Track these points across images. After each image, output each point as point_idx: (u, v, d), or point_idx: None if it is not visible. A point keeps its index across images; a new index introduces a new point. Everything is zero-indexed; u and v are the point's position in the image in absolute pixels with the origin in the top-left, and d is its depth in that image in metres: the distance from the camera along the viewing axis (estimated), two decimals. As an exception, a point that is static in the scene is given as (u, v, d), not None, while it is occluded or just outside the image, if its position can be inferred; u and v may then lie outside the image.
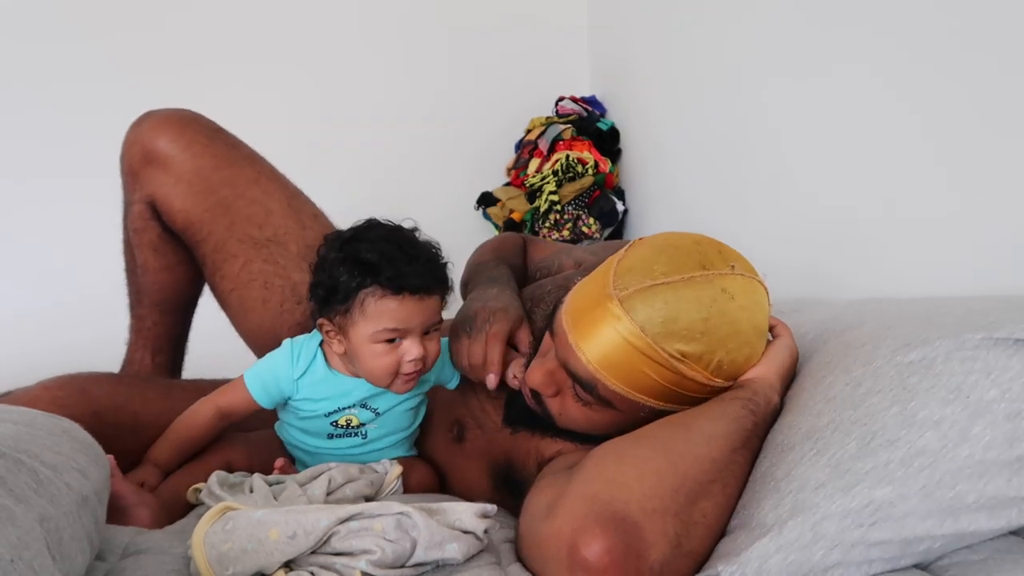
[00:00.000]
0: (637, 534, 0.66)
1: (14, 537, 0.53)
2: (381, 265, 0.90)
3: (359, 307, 0.91)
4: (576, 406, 0.86)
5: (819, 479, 0.67)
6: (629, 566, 0.65)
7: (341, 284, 0.91)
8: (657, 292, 0.79)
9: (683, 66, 1.95)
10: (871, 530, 0.64)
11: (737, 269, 0.81)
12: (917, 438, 0.65)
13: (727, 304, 0.79)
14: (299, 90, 2.43)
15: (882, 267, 1.21)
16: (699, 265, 0.80)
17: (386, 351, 0.93)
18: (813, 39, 1.38)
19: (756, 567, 0.64)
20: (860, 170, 1.26)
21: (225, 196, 1.24)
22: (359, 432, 1.00)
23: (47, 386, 1.01)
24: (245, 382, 1.00)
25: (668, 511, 0.68)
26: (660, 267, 0.80)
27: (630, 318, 0.78)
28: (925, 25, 1.10)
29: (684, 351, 0.78)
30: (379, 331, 0.91)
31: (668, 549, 0.67)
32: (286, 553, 0.68)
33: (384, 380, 0.95)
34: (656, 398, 0.81)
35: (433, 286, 0.93)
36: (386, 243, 0.92)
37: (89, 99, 2.24)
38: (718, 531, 0.72)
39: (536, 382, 0.87)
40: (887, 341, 0.77)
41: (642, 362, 0.79)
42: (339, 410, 0.99)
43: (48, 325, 2.17)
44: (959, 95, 1.04)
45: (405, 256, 0.91)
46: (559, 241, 2.25)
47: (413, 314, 0.91)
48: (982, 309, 0.75)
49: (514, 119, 2.52)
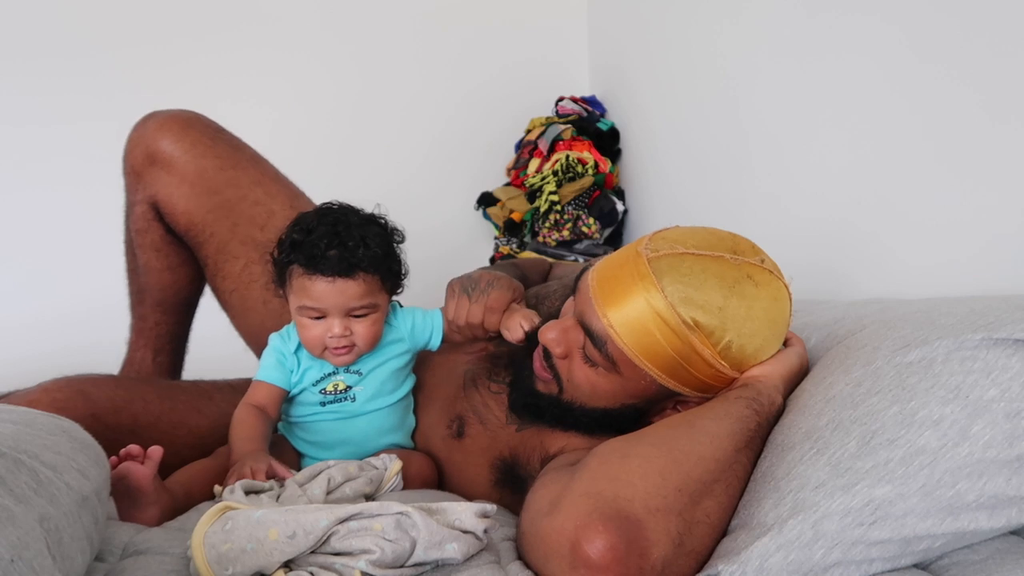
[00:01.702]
0: (640, 532, 0.66)
1: (14, 537, 0.53)
2: (304, 245, 0.96)
3: (289, 282, 0.99)
4: (583, 368, 0.87)
5: (819, 478, 0.67)
6: (631, 564, 0.65)
7: (279, 260, 1.00)
8: (685, 259, 0.81)
9: (683, 66, 1.95)
10: (871, 529, 0.64)
11: (766, 264, 0.84)
12: (917, 437, 0.65)
13: (749, 288, 0.81)
14: (299, 91, 2.43)
15: (883, 267, 1.21)
16: (731, 250, 0.83)
17: (312, 324, 0.99)
18: (813, 38, 1.38)
19: (756, 566, 0.64)
20: (861, 170, 1.26)
21: (228, 197, 1.24)
22: (348, 396, 1.04)
23: (46, 388, 1.01)
24: (259, 378, 1.04)
25: (671, 510, 0.68)
26: (694, 241, 0.83)
27: (655, 277, 0.80)
28: (925, 24, 1.10)
29: (698, 320, 0.79)
30: (300, 307, 0.99)
31: (670, 548, 0.67)
32: (285, 553, 0.68)
33: (315, 350, 1.01)
34: (660, 369, 0.82)
35: (350, 269, 0.96)
36: (320, 225, 0.97)
37: (91, 102, 2.25)
38: (720, 530, 0.72)
39: (549, 337, 0.89)
40: (887, 342, 0.77)
41: (655, 324, 0.80)
42: (327, 376, 1.04)
43: (48, 325, 2.17)
44: (960, 94, 1.04)
45: (330, 239, 0.96)
46: (559, 241, 2.25)
47: (325, 295, 0.97)
48: (983, 309, 0.75)
49: (514, 119, 2.52)
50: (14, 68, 2.24)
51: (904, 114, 1.15)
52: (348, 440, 1.05)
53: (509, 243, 2.33)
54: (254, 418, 1.01)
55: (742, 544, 0.67)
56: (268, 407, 1.03)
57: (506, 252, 2.30)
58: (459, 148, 2.55)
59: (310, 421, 1.06)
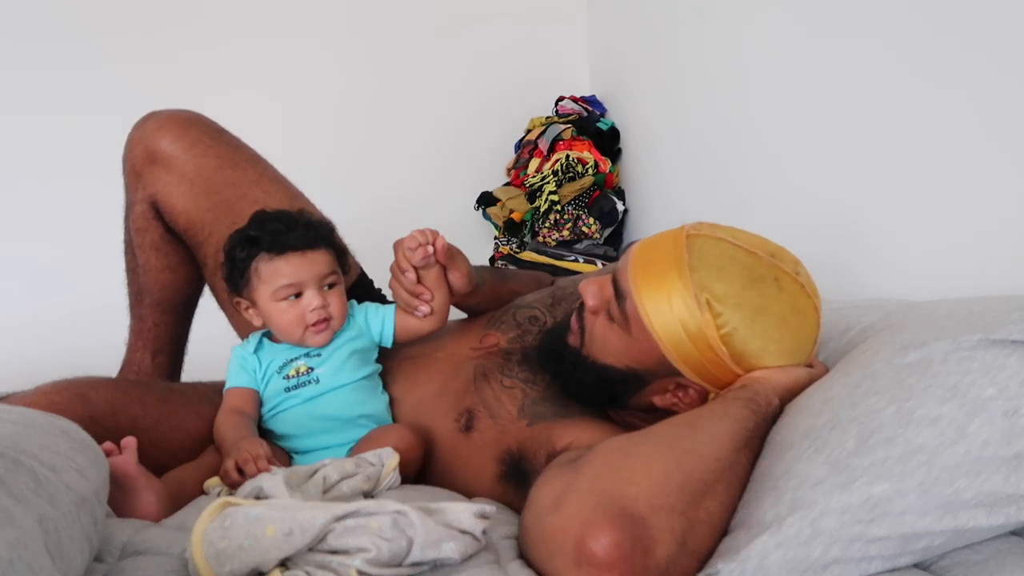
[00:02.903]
0: (645, 530, 0.66)
1: (13, 537, 0.53)
2: (263, 236, 1.06)
3: (255, 275, 1.06)
4: (604, 324, 0.92)
5: (817, 476, 0.67)
6: (636, 561, 0.65)
7: (238, 261, 1.07)
8: (721, 244, 0.85)
9: (683, 66, 1.95)
10: (870, 526, 0.64)
11: (800, 278, 0.86)
12: (915, 436, 0.65)
13: (771, 289, 0.83)
14: (300, 91, 2.43)
15: (884, 268, 1.21)
16: (770, 254, 0.86)
17: (290, 306, 1.07)
18: (815, 36, 1.38)
19: (756, 563, 0.64)
20: (862, 170, 1.26)
21: (227, 197, 1.24)
22: (311, 377, 1.09)
23: (44, 391, 1.01)
24: (229, 386, 1.11)
25: (675, 508, 0.68)
26: (735, 235, 0.87)
27: (687, 248, 0.85)
28: (927, 23, 1.10)
29: (711, 301, 0.82)
30: (276, 289, 1.06)
31: (674, 546, 0.67)
32: (282, 550, 0.68)
33: (296, 333, 1.08)
34: (665, 337, 0.85)
35: (313, 242, 1.07)
36: (265, 222, 1.07)
37: (90, 100, 2.25)
38: (721, 530, 0.72)
39: (588, 290, 0.93)
40: (886, 347, 0.77)
41: (672, 293, 0.83)
42: (288, 362, 1.10)
43: (48, 326, 2.17)
44: (963, 93, 1.04)
45: (283, 225, 1.07)
46: (559, 241, 2.25)
47: (301, 268, 1.06)
48: (981, 310, 0.75)
49: (514, 119, 2.52)
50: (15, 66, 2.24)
51: (905, 114, 1.15)
52: (321, 418, 1.07)
53: (509, 243, 2.33)
54: (237, 417, 1.06)
55: (741, 542, 0.67)
56: (245, 408, 1.08)
57: (506, 252, 2.30)
58: (459, 148, 2.55)
59: (280, 411, 1.09)
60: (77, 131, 2.22)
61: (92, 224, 1.85)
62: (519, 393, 1.03)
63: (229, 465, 0.94)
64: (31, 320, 2.20)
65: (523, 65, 2.58)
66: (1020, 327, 0.67)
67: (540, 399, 1.01)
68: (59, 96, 2.26)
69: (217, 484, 0.96)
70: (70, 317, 2.17)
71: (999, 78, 0.98)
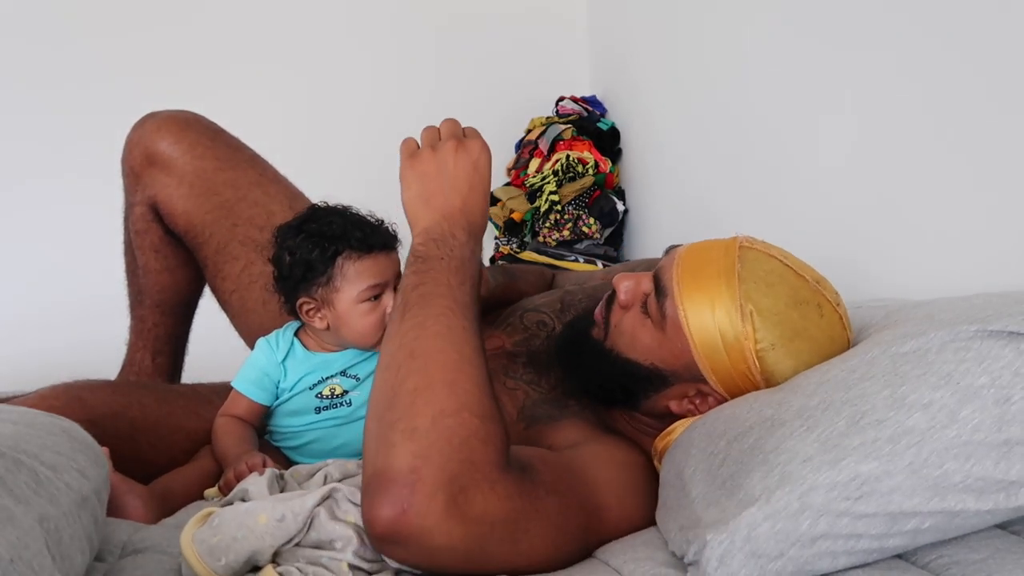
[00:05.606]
0: (407, 490, 0.66)
1: (14, 537, 0.53)
2: (348, 233, 0.99)
3: (340, 273, 0.99)
4: (636, 317, 0.91)
5: (807, 453, 0.67)
6: (410, 521, 0.66)
7: (315, 259, 0.99)
8: (773, 261, 0.86)
9: (684, 65, 1.95)
10: (857, 503, 0.64)
11: (840, 309, 0.87)
12: (905, 418, 0.66)
13: (814, 314, 0.84)
14: (299, 91, 2.44)
15: (886, 268, 1.21)
16: (815, 280, 0.87)
17: (371, 308, 1.01)
18: (817, 36, 1.38)
19: (745, 535, 0.65)
20: (864, 170, 1.26)
21: (227, 198, 1.24)
22: (344, 400, 1.04)
23: (43, 395, 1.01)
24: (237, 389, 1.05)
25: (435, 448, 0.68)
26: (786, 256, 0.88)
27: (737, 258, 0.85)
28: (930, 23, 1.10)
29: (756, 311, 0.83)
30: (363, 290, 0.99)
31: (447, 482, 0.67)
32: (276, 536, 0.69)
33: (373, 337, 1.01)
34: (700, 341, 0.85)
35: (392, 241, 1.04)
36: (339, 216, 1.02)
37: (88, 100, 2.25)
38: (497, 416, 0.73)
39: (621, 283, 0.93)
40: (885, 334, 0.79)
41: (716, 300, 0.84)
42: (323, 380, 1.04)
43: (48, 326, 2.17)
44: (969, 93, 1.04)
45: (362, 222, 1.02)
46: (559, 241, 2.25)
47: (386, 268, 1.01)
48: (981, 304, 0.76)
49: (514, 119, 2.52)
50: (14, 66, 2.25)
51: (907, 114, 1.15)
52: (344, 446, 1.04)
53: (509, 243, 2.33)
54: (239, 427, 1.02)
55: (729, 513, 0.67)
56: (248, 418, 1.04)
57: (506, 252, 2.30)
58: (459, 148, 2.55)
59: (301, 431, 1.05)
60: (77, 131, 2.22)
61: (92, 224, 1.85)
62: (521, 395, 1.02)
63: (231, 477, 0.92)
64: (31, 320, 2.20)
65: (523, 65, 2.58)
66: (1017, 319, 0.68)
67: (541, 401, 1.01)
68: (59, 96, 2.26)
69: (216, 494, 0.96)
70: (70, 316, 2.17)
71: (999, 78, 0.98)
